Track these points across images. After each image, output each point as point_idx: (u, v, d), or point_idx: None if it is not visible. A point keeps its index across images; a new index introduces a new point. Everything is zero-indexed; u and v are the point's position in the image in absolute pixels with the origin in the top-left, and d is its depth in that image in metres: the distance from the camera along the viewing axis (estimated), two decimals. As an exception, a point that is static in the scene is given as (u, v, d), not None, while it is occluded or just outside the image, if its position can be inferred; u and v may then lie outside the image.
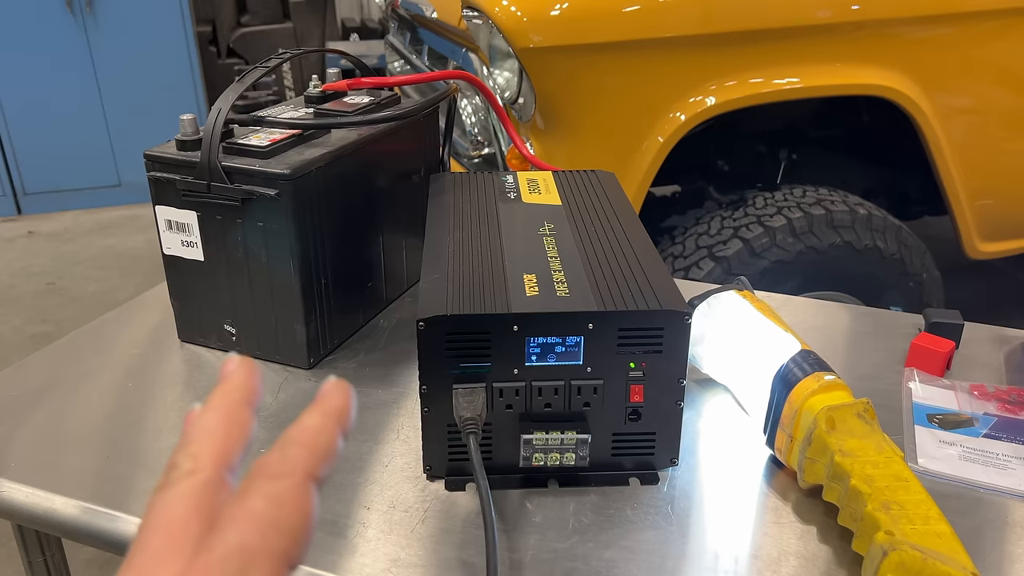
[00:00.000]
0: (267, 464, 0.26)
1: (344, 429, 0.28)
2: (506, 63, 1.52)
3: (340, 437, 0.27)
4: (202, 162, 0.67)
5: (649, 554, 0.53)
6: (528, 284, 0.57)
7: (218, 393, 0.28)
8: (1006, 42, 1.61)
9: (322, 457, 0.26)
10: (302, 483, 0.25)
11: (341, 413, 0.28)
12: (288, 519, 0.24)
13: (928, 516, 0.48)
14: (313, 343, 0.73)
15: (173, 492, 0.25)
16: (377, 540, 0.54)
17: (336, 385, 0.29)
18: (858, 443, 0.53)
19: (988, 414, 0.67)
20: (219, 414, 0.27)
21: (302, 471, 0.25)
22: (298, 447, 0.26)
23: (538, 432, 0.56)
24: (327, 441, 0.27)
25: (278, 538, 0.24)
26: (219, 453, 0.26)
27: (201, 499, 0.25)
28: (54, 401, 0.70)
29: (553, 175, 0.80)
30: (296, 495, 0.25)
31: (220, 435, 0.27)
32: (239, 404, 0.28)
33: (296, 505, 0.25)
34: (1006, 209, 1.78)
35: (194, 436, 0.27)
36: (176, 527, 0.24)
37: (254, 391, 0.29)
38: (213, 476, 0.25)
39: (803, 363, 0.58)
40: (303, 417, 0.27)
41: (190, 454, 0.26)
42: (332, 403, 0.28)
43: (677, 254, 1.61)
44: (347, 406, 0.28)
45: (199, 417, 0.27)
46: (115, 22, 3.31)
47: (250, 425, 0.28)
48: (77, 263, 3.03)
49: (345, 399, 0.28)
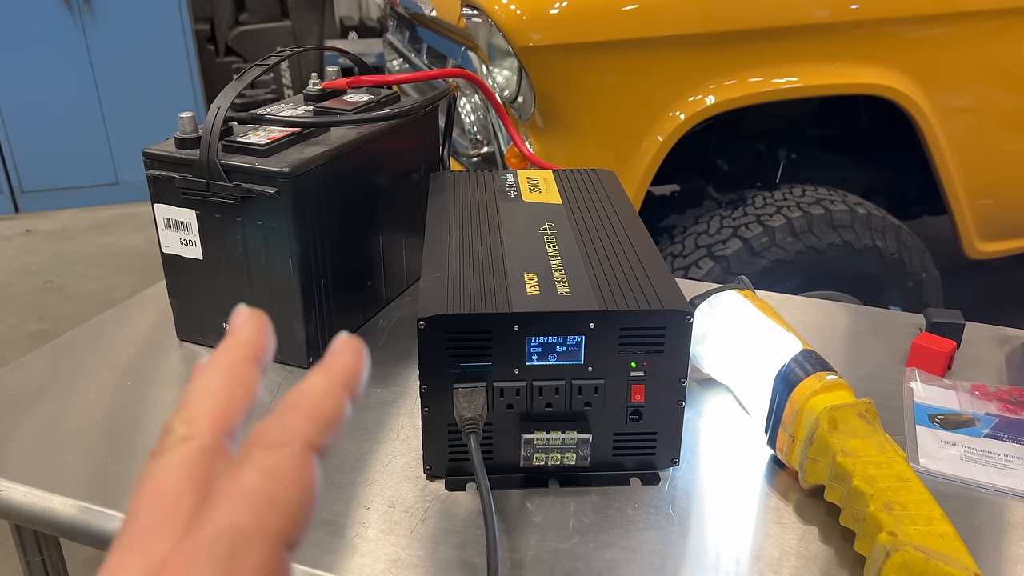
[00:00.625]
0: (264, 432, 0.23)
1: (353, 392, 0.24)
2: (505, 62, 1.52)
3: (348, 401, 0.24)
4: (201, 160, 0.67)
5: (650, 554, 0.53)
6: (529, 283, 0.57)
7: (223, 348, 0.25)
8: (1006, 42, 1.61)
9: (326, 424, 0.23)
10: (302, 453, 0.22)
11: (350, 374, 0.24)
12: (285, 494, 0.21)
13: (931, 517, 0.48)
14: (312, 342, 0.72)
15: (166, 460, 0.23)
16: (377, 540, 0.54)
17: (346, 342, 0.25)
18: (860, 443, 0.53)
19: (989, 414, 0.66)
20: (222, 372, 0.24)
21: (302, 440, 0.22)
22: (299, 413, 0.23)
23: (539, 432, 0.56)
24: (332, 406, 0.24)
25: (274, 516, 0.21)
26: (219, 416, 0.24)
27: (196, 468, 0.22)
28: (52, 400, 0.69)
29: (553, 174, 0.80)
30: (295, 467, 0.22)
31: (221, 396, 0.24)
32: (245, 361, 0.25)
33: (295, 479, 0.22)
34: (1005, 209, 1.78)
35: (192, 397, 0.24)
36: (168, 499, 0.22)
37: (263, 347, 0.25)
38: (210, 442, 0.23)
39: (805, 363, 0.58)
40: (307, 378, 0.24)
41: (186, 418, 0.23)
42: (340, 363, 0.25)
43: (676, 253, 1.61)
44: (357, 366, 0.25)
45: (200, 375, 0.25)
46: (113, 20, 3.30)
47: (256, 385, 0.25)
48: (75, 261, 3.03)
49: (356, 358, 0.25)
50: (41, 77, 3.28)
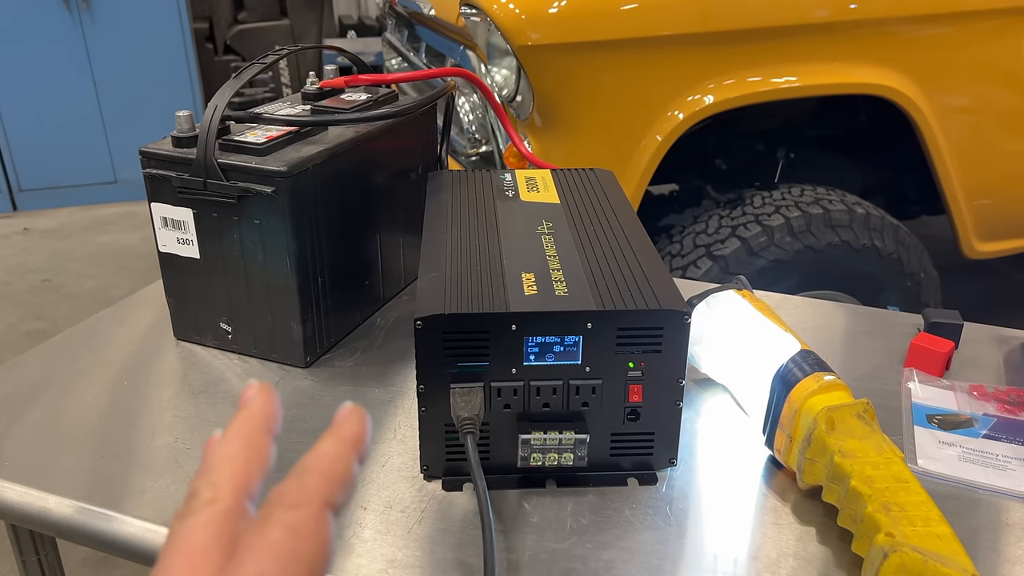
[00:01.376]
0: (285, 493, 0.25)
1: (360, 455, 0.27)
2: (504, 61, 1.52)
3: (356, 464, 0.27)
4: (198, 159, 0.67)
5: (647, 555, 0.52)
6: (526, 283, 0.57)
7: (238, 420, 0.28)
8: (1004, 41, 1.61)
9: (339, 485, 0.26)
10: (319, 512, 0.25)
11: (357, 439, 0.28)
12: (307, 548, 0.24)
13: (929, 518, 0.48)
14: (310, 341, 0.72)
15: (194, 521, 0.25)
16: (374, 540, 0.54)
17: (352, 411, 0.29)
18: (858, 444, 0.53)
19: (987, 415, 0.66)
20: (239, 442, 0.27)
21: (319, 500, 0.25)
22: (315, 475, 0.26)
23: (536, 432, 0.56)
24: (343, 468, 0.27)
25: (297, 567, 0.24)
26: (239, 481, 0.26)
27: (221, 528, 0.25)
28: (48, 399, 0.69)
29: (552, 173, 0.80)
30: (314, 524, 0.25)
31: (240, 463, 0.27)
32: (259, 431, 0.28)
33: (314, 534, 0.25)
34: (1004, 209, 1.78)
35: (214, 464, 0.27)
36: (197, 556, 0.24)
37: (273, 418, 0.28)
38: (233, 505, 0.25)
39: (803, 363, 0.58)
40: (319, 444, 0.27)
41: (211, 482, 0.26)
42: (348, 430, 0.28)
43: (675, 253, 1.61)
44: (363, 432, 0.28)
45: (219, 445, 0.27)
46: (112, 18, 3.30)
47: (270, 452, 0.28)
48: (73, 260, 3.02)
49: (361, 425, 0.28)
50: (39, 75, 3.27)
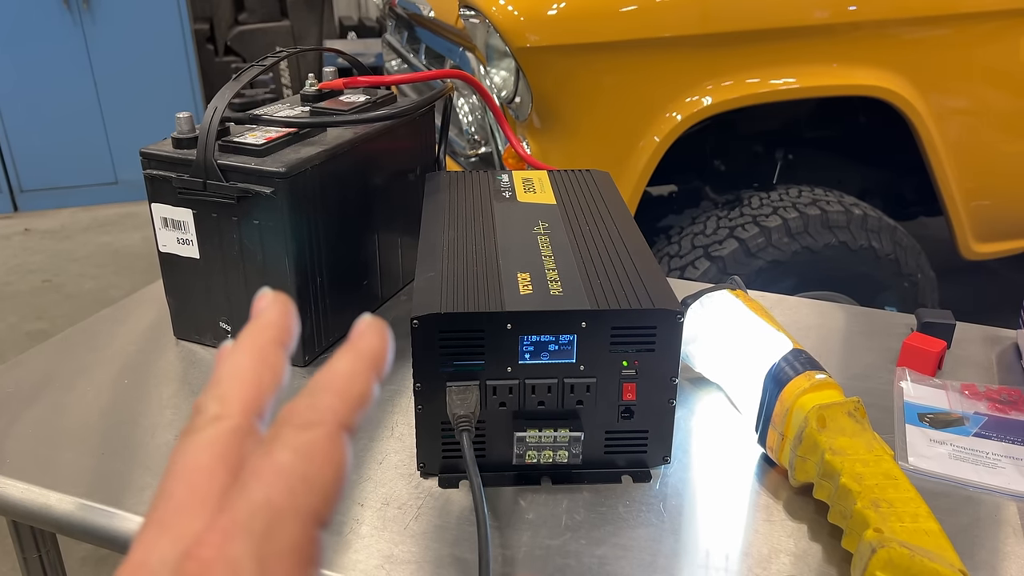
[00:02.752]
0: (295, 412, 0.23)
1: (379, 373, 0.25)
2: (503, 62, 1.52)
3: (375, 382, 0.24)
4: (198, 160, 0.67)
5: (641, 551, 0.53)
6: (522, 283, 0.58)
7: (249, 331, 0.25)
8: (1002, 44, 1.62)
9: (355, 404, 0.24)
10: (334, 433, 0.22)
11: (376, 355, 0.25)
12: (319, 473, 0.22)
13: (917, 514, 0.48)
14: (308, 341, 0.73)
15: (198, 438, 0.23)
16: (371, 537, 0.54)
17: (370, 324, 0.25)
18: (848, 441, 0.54)
19: (979, 413, 0.67)
20: (250, 355, 0.25)
21: (333, 420, 0.23)
22: (329, 394, 0.23)
23: (531, 430, 0.57)
24: (361, 387, 0.24)
25: (308, 495, 0.21)
26: (248, 397, 0.24)
27: (228, 447, 0.23)
28: (50, 398, 0.70)
29: (548, 174, 0.80)
30: (327, 447, 0.22)
31: (250, 378, 0.24)
32: (271, 344, 0.25)
33: (327, 458, 0.22)
34: (1001, 210, 1.79)
35: (223, 377, 0.24)
36: (200, 477, 0.22)
37: (288, 330, 0.26)
38: (241, 423, 0.23)
39: (794, 362, 0.59)
40: (334, 360, 0.25)
41: (217, 396, 0.24)
42: (366, 344, 0.25)
43: (673, 253, 1.62)
44: (383, 347, 0.25)
45: (229, 357, 0.25)
46: (112, 19, 3.31)
47: (283, 368, 0.25)
48: (73, 260, 3.03)
49: (381, 340, 0.25)
50: (40, 76, 3.28)
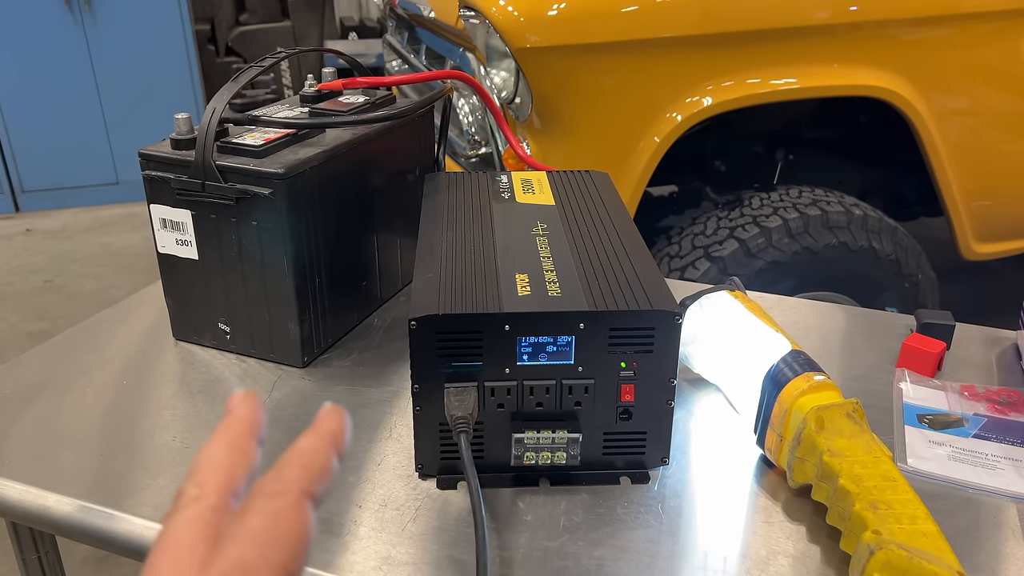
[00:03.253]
0: (264, 484, 0.27)
1: (339, 450, 0.30)
2: (503, 63, 1.52)
3: (335, 458, 0.29)
4: (196, 161, 0.67)
5: (639, 553, 0.53)
6: (520, 284, 0.58)
7: (223, 425, 0.30)
8: (1002, 44, 1.61)
9: (317, 476, 0.28)
10: (298, 500, 0.27)
11: (336, 435, 0.30)
12: (285, 534, 0.26)
13: (915, 516, 0.48)
14: (307, 342, 0.73)
15: (179, 518, 0.26)
16: (369, 538, 0.54)
17: (331, 410, 0.31)
18: (847, 443, 0.54)
19: (978, 414, 0.67)
20: (223, 444, 0.29)
21: (298, 489, 0.27)
22: (293, 467, 0.28)
23: (529, 431, 0.57)
24: (321, 461, 0.29)
25: (276, 552, 0.25)
26: (223, 480, 0.28)
27: (206, 524, 0.26)
28: (49, 398, 0.70)
29: (547, 175, 0.80)
30: (292, 512, 0.26)
31: (224, 463, 0.28)
32: (243, 435, 0.30)
33: (293, 521, 0.26)
34: (1002, 210, 1.79)
35: (200, 466, 0.28)
36: (182, 550, 0.25)
37: (257, 422, 0.30)
38: (217, 502, 0.27)
39: (793, 363, 0.59)
40: (299, 440, 0.29)
41: (196, 482, 0.28)
42: (327, 426, 0.30)
43: (673, 254, 1.62)
44: (342, 429, 0.30)
45: (205, 448, 0.29)
46: (114, 20, 3.31)
47: (254, 454, 0.30)
48: (75, 261, 3.03)
49: (340, 423, 0.30)
50: (42, 77, 3.29)
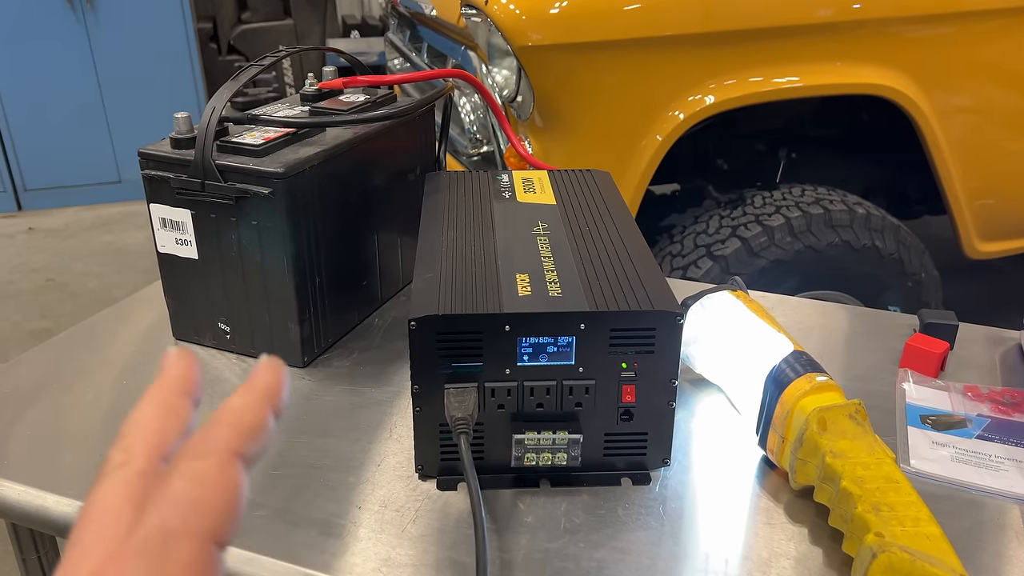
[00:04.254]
0: (189, 445, 0.25)
1: (275, 407, 0.27)
2: (505, 61, 1.52)
3: (270, 414, 0.27)
4: (196, 160, 0.67)
5: (640, 554, 0.53)
6: (521, 284, 0.57)
7: (154, 386, 0.28)
8: (1006, 42, 1.61)
9: (247, 434, 0.26)
10: (225, 461, 0.25)
11: (271, 390, 0.28)
12: (211, 498, 0.24)
13: (918, 518, 0.48)
14: (307, 342, 0.73)
15: (104, 484, 0.25)
16: (368, 540, 0.54)
17: (267, 362, 0.29)
18: (849, 444, 0.53)
19: (981, 415, 0.66)
20: (153, 405, 0.27)
21: (225, 449, 0.25)
22: (222, 425, 0.26)
23: (530, 432, 0.56)
24: (253, 418, 0.27)
25: (200, 517, 0.24)
26: (152, 443, 0.26)
27: (133, 489, 0.25)
28: (49, 398, 0.70)
29: (548, 174, 0.80)
30: (219, 473, 0.25)
31: (153, 426, 0.27)
32: (175, 394, 0.28)
33: (219, 483, 0.24)
34: (1005, 209, 1.78)
35: (128, 429, 0.27)
36: (106, 517, 0.24)
37: (192, 381, 0.28)
38: (145, 466, 0.25)
39: (795, 364, 0.58)
40: (231, 396, 0.27)
41: (123, 447, 0.26)
42: (261, 380, 0.28)
43: (676, 253, 1.61)
44: (278, 383, 0.28)
45: (135, 410, 0.27)
46: (116, 18, 3.31)
47: (187, 415, 0.28)
48: (77, 259, 3.04)
49: (277, 376, 0.28)
50: (44, 75, 3.29)
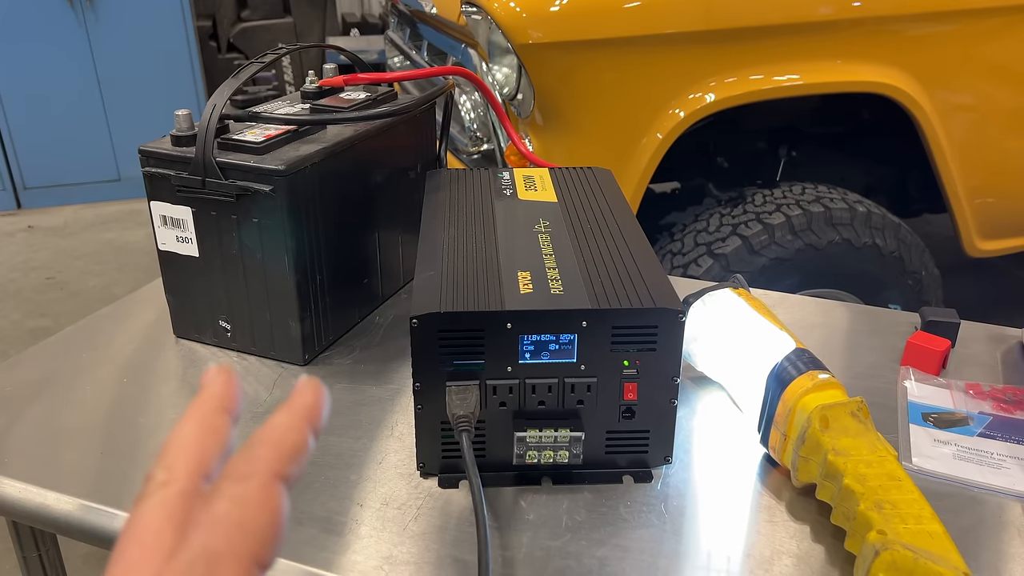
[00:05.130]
0: (234, 467, 0.25)
1: (315, 427, 0.27)
2: (505, 59, 1.52)
3: (311, 435, 0.27)
4: (197, 158, 0.67)
5: (642, 552, 0.53)
6: (522, 281, 0.57)
7: (195, 404, 0.28)
8: (1006, 39, 1.61)
9: (289, 456, 0.26)
10: (268, 483, 0.25)
11: (312, 411, 0.28)
12: (253, 520, 0.24)
13: (920, 516, 0.48)
14: (308, 339, 0.73)
15: (147, 503, 0.25)
16: (370, 537, 0.54)
17: (308, 383, 0.28)
18: (851, 442, 0.53)
19: (983, 413, 0.66)
20: (194, 424, 0.27)
21: (267, 471, 0.25)
22: (264, 447, 0.26)
23: (532, 430, 0.56)
24: (295, 440, 0.26)
25: (243, 539, 0.24)
26: (194, 462, 0.26)
27: (175, 509, 0.25)
28: (49, 397, 0.70)
29: (550, 172, 0.80)
30: (261, 495, 0.25)
31: (194, 444, 0.27)
32: (215, 412, 0.28)
33: (262, 505, 0.24)
34: (1006, 207, 1.78)
35: (170, 447, 0.27)
36: (149, 537, 0.24)
37: (232, 398, 0.28)
38: (187, 486, 0.25)
39: (797, 361, 0.58)
40: (273, 416, 0.27)
41: (165, 466, 0.26)
42: (302, 400, 0.28)
43: (676, 251, 1.61)
44: (318, 404, 0.28)
45: (176, 428, 0.27)
46: (115, 16, 3.30)
47: (227, 432, 0.27)
48: (77, 257, 3.03)
49: (317, 397, 0.28)
50: (43, 73, 3.28)
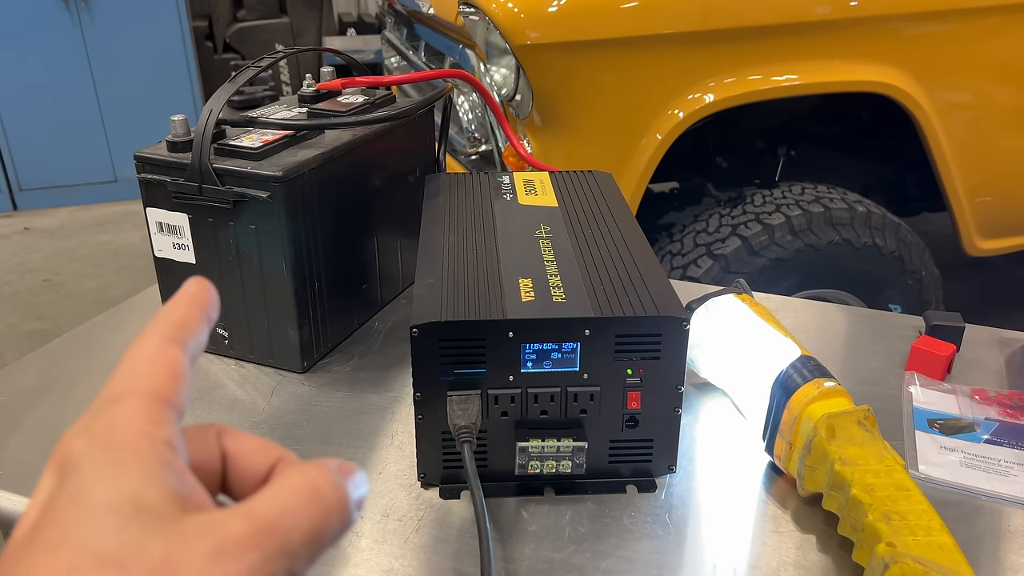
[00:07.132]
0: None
1: (204, 311, 0.29)
2: (503, 60, 1.51)
3: (202, 317, 0.29)
4: (193, 164, 0.66)
5: (646, 564, 0.52)
6: (524, 289, 0.57)
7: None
8: (1005, 38, 1.60)
9: (177, 324, 0.28)
10: (159, 342, 0.27)
11: (195, 297, 0.29)
12: (147, 366, 0.27)
13: (930, 527, 0.47)
14: (307, 347, 0.72)
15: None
16: (370, 550, 0.53)
17: (192, 280, 0.30)
18: (858, 451, 0.53)
19: (989, 419, 0.66)
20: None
21: (157, 334, 0.28)
22: (154, 321, 0.28)
23: (534, 439, 0.56)
24: (182, 314, 0.28)
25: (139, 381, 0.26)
26: None
27: None
28: (45, 406, 0.69)
29: (550, 175, 0.79)
30: (149, 349, 0.27)
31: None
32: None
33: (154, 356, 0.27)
34: (1005, 206, 1.78)
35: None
36: None
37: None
38: None
39: (803, 369, 0.58)
40: None
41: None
42: (186, 290, 0.29)
43: (675, 252, 1.61)
44: (204, 291, 0.29)
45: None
46: (111, 17, 3.29)
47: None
48: (73, 259, 3.02)
49: (202, 285, 0.29)
50: (39, 74, 3.27)
